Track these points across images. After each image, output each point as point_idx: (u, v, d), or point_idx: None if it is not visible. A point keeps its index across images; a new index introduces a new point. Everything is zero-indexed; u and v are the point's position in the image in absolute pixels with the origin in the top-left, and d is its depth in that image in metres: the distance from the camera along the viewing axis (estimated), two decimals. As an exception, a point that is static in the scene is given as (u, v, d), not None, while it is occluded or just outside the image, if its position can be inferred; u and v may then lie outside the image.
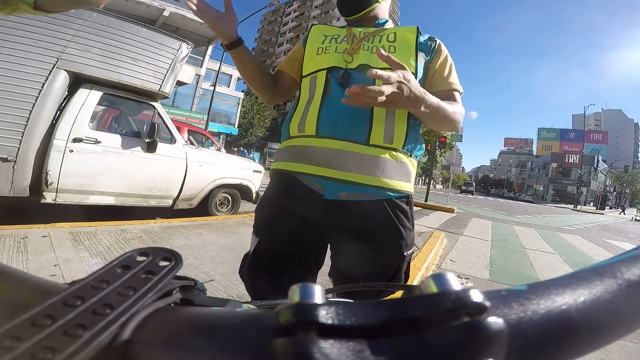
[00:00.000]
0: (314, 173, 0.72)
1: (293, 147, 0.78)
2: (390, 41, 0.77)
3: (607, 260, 0.18)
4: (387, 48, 0.76)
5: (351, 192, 0.71)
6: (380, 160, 0.71)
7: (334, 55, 0.77)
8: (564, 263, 4.22)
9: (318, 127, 0.73)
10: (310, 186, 0.73)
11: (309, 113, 0.75)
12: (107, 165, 3.11)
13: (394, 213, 0.72)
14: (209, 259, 2.38)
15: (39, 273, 1.17)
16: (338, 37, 0.81)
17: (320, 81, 0.76)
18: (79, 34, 2.94)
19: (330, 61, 0.77)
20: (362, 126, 0.71)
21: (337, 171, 0.70)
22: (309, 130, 0.74)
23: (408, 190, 0.76)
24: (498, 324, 0.12)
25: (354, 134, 0.71)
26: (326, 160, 0.71)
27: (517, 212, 14.75)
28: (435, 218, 7.08)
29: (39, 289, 0.17)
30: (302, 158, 0.74)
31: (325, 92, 0.74)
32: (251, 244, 0.80)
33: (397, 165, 0.73)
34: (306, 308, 0.12)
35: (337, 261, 0.77)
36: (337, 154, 0.70)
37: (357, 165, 0.70)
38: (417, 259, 2.82)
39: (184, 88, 15.39)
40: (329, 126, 0.72)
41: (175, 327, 0.14)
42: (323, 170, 0.71)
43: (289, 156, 0.78)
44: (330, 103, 0.73)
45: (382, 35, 0.79)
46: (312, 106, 0.75)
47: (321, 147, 0.72)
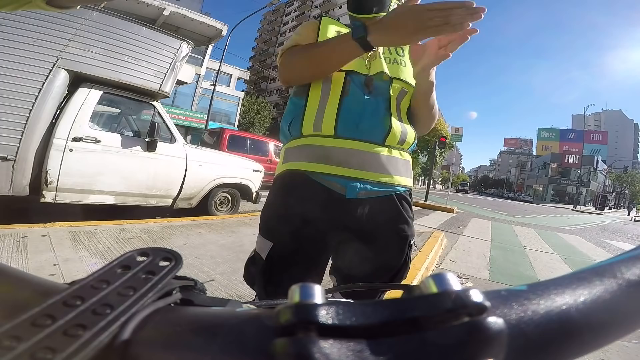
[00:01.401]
0: (335, 173, 0.73)
1: (309, 147, 0.76)
2: (400, 55, 0.84)
3: (607, 260, 0.18)
4: (399, 61, 0.82)
5: (370, 190, 0.74)
6: (393, 159, 0.77)
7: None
8: (563, 263, 4.23)
9: (337, 128, 0.73)
10: (330, 186, 0.73)
11: (326, 113, 0.74)
12: (107, 164, 3.11)
13: (402, 205, 0.78)
14: (209, 258, 2.39)
15: (39, 272, 1.17)
16: None
17: (338, 82, 0.76)
18: (80, 33, 2.94)
19: (349, 64, 0.76)
20: (382, 128, 0.74)
21: (357, 171, 0.73)
22: (327, 130, 0.74)
23: (411, 185, 0.82)
24: (498, 324, 0.12)
25: (374, 135, 0.74)
26: (346, 160, 0.73)
27: (516, 212, 14.76)
28: (435, 218, 7.08)
29: (39, 289, 0.17)
30: (323, 158, 0.74)
31: (343, 94, 0.75)
32: (260, 248, 0.76)
33: (405, 163, 0.81)
34: (306, 308, 0.12)
35: (346, 259, 0.77)
36: (357, 154, 0.73)
37: (375, 164, 0.74)
38: (416, 259, 2.82)
39: (184, 87, 15.39)
40: (350, 127, 0.73)
41: (175, 327, 0.14)
42: (344, 170, 0.73)
43: (305, 156, 0.76)
44: (349, 105, 0.74)
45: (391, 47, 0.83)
46: (329, 106, 0.75)
47: (341, 148, 0.73)
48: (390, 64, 0.81)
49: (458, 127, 11.81)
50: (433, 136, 12.29)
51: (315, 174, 0.74)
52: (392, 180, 0.76)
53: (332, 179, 0.73)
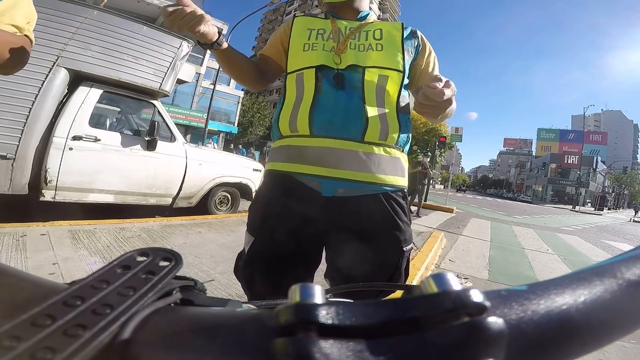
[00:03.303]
0: (311, 172, 0.73)
1: (287, 147, 0.78)
2: (377, 39, 0.79)
3: (607, 260, 0.18)
4: (375, 46, 0.78)
5: (349, 188, 0.72)
6: (375, 156, 0.73)
7: (322, 53, 0.77)
8: (562, 263, 4.23)
9: (312, 127, 0.73)
10: (308, 184, 0.74)
11: (300, 112, 0.74)
12: (107, 163, 3.11)
13: (391, 206, 0.75)
14: (209, 257, 2.39)
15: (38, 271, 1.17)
16: (324, 33, 0.80)
17: (310, 79, 0.76)
18: (80, 31, 2.94)
19: (318, 59, 0.76)
20: (358, 124, 0.72)
21: (333, 169, 0.71)
22: (302, 130, 0.74)
23: (403, 185, 0.78)
24: (498, 324, 0.12)
25: (350, 131, 0.72)
26: (322, 159, 0.72)
27: (515, 212, 14.77)
28: (435, 218, 7.08)
29: (38, 289, 0.17)
30: (298, 158, 0.75)
31: (316, 91, 0.74)
32: (245, 242, 0.79)
33: (391, 160, 0.75)
34: (306, 308, 0.12)
35: (335, 260, 0.77)
36: (332, 153, 0.72)
37: (353, 162, 0.72)
38: (416, 258, 2.82)
39: (184, 86, 15.36)
40: (324, 125, 0.72)
41: (175, 327, 0.14)
42: (319, 170, 0.72)
43: (283, 157, 0.78)
44: (322, 102, 0.73)
45: (368, 32, 0.80)
46: (302, 105, 0.75)
47: (316, 147, 0.73)
48: (364, 51, 0.77)
49: (458, 127, 11.80)
50: (433, 136, 12.29)
51: (295, 173, 0.75)
52: (374, 179, 0.73)
53: (309, 177, 0.73)
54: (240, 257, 0.81)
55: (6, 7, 0.65)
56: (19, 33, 0.68)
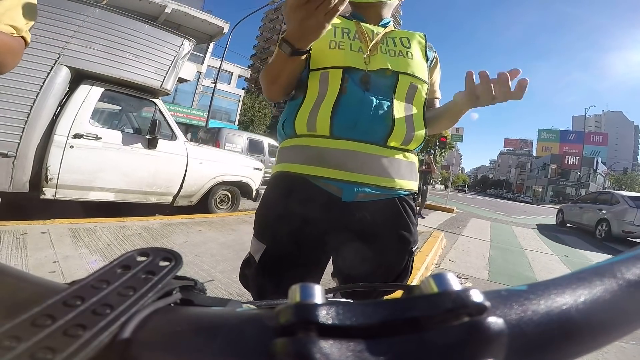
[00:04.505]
0: (331, 176, 0.70)
1: (303, 148, 0.74)
2: (406, 46, 0.78)
3: (607, 260, 0.18)
4: (405, 53, 0.77)
5: (369, 193, 0.71)
6: (395, 161, 0.72)
7: (349, 53, 0.74)
8: (561, 263, 4.23)
9: (332, 128, 0.69)
10: (326, 189, 0.71)
11: (321, 111, 0.71)
12: (108, 161, 3.11)
13: (404, 209, 0.74)
14: (209, 256, 2.39)
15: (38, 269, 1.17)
16: (349, 32, 0.77)
17: (335, 79, 0.72)
18: (81, 30, 2.94)
19: (346, 60, 0.73)
20: (383, 127, 0.70)
21: (354, 174, 0.69)
22: (322, 130, 0.70)
23: (415, 189, 0.78)
24: (498, 324, 0.12)
25: (373, 135, 0.70)
26: (343, 162, 0.69)
27: (515, 212, 14.76)
28: (435, 218, 7.08)
29: (38, 289, 0.17)
30: (317, 160, 0.71)
31: (341, 92, 0.71)
32: (254, 249, 0.74)
33: (409, 165, 0.75)
34: (306, 308, 0.12)
35: (346, 261, 0.75)
36: (354, 156, 0.69)
37: (375, 167, 0.70)
38: (416, 258, 2.80)
39: (184, 85, 15.37)
40: (347, 127, 0.69)
41: (175, 327, 0.14)
42: (340, 174, 0.69)
43: (300, 158, 0.73)
44: (347, 103, 0.70)
45: (395, 39, 0.79)
46: (324, 104, 0.71)
47: (337, 149, 0.70)
48: (396, 57, 0.75)
49: (459, 127, 11.78)
50: (433, 136, 12.28)
51: (313, 177, 0.71)
52: (393, 184, 0.72)
53: (329, 182, 0.70)
54: (247, 265, 0.76)
55: (9, 6, 0.65)
56: (17, 34, 0.67)
